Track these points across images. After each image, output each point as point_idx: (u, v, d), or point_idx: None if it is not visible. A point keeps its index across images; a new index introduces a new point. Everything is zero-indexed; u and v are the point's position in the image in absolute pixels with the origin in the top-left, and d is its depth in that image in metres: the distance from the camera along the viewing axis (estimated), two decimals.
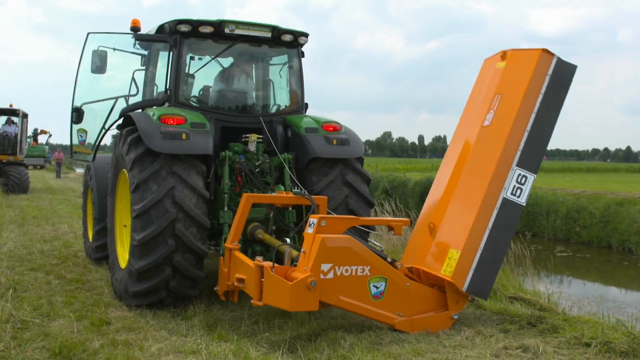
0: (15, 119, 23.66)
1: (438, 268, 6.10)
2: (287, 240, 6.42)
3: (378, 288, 5.72)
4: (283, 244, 6.22)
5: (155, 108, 7.45)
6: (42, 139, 39.92)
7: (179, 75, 7.46)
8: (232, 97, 7.98)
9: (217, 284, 6.62)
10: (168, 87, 7.52)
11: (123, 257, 7.16)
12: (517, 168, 6.16)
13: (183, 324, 6.14)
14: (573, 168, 67.13)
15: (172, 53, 7.52)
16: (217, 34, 7.49)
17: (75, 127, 8.64)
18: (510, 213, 6.13)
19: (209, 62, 8.06)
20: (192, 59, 7.88)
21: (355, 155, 7.50)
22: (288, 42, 7.84)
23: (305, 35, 7.94)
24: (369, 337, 5.62)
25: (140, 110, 7.66)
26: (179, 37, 7.44)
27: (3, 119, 23.95)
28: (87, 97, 8.54)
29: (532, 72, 6.28)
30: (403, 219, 6.48)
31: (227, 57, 8.13)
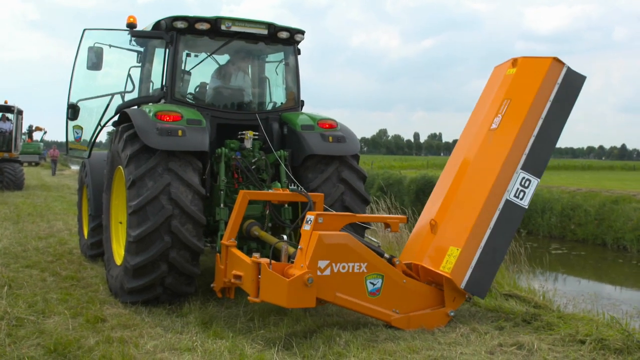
0: (10, 116, 23.59)
1: (437, 264, 6.12)
2: (283, 237, 6.41)
3: (375, 285, 5.73)
4: (280, 241, 6.23)
5: (152, 105, 7.44)
6: (37, 136, 39.79)
7: (175, 72, 7.45)
8: (228, 94, 7.97)
9: (213, 281, 6.62)
10: (164, 83, 7.51)
11: (119, 253, 7.16)
12: (521, 171, 6.19)
13: (178, 321, 6.14)
14: (568, 166, 67.24)
15: (168, 50, 7.51)
16: (213, 31, 7.48)
17: (71, 123, 8.61)
18: (512, 215, 6.17)
19: (205, 59, 8.05)
20: (188, 56, 7.88)
21: (351, 153, 7.51)
22: (284, 39, 7.84)
23: (302, 33, 7.94)
24: (365, 334, 5.63)
25: (136, 107, 7.64)
26: (175, 33, 7.43)
27: None
28: (82, 93, 8.50)
29: (542, 79, 6.35)
30: (400, 216, 6.50)
31: (223, 54, 8.12)
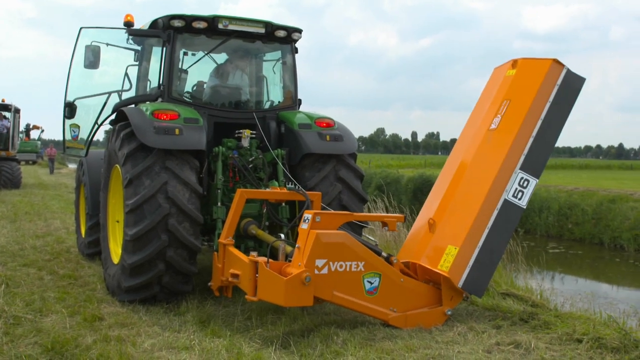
0: (8, 114, 23.54)
1: (435, 263, 6.13)
2: (281, 236, 6.41)
3: (372, 284, 5.73)
4: (277, 240, 6.22)
5: (149, 103, 7.43)
6: (34, 135, 39.72)
7: (172, 71, 7.45)
8: (225, 92, 7.96)
9: (210, 280, 6.62)
10: (161, 82, 7.50)
11: (116, 252, 7.15)
12: (520, 171, 6.21)
13: (176, 320, 6.13)
14: (566, 165, 67.27)
15: (165, 48, 7.50)
16: (210, 30, 7.47)
17: (68, 122, 8.61)
18: (511, 214, 6.18)
19: (202, 57, 8.04)
20: (185, 55, 7.86)
21: (349, 151, 7.51)
22: (281, 38, 7.83)
23: (299, 31, 7.93)
24: (362, 333, 5.63)
25: (134, 106, 7.63)
26: (173, 32, 7.42)
27: None
28: (80, 92, 8.50)
29: (541, 80, 6.37)
30: (397, 215, 6.50)
31: (220, 52, 8.12)
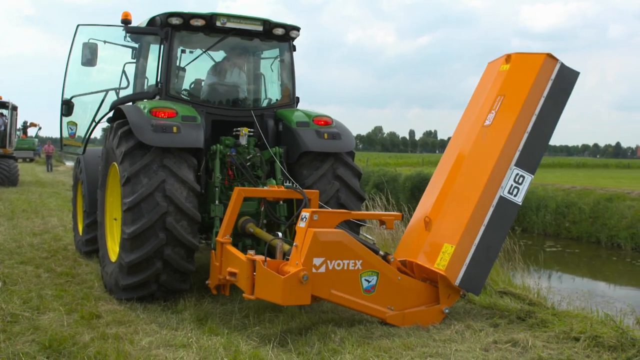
0: (5, 112, 23.49)
1: (432, 261, 6.13)
2: (278, 234, 6.41)
3: (370, 282, 5.74)
4: (275, 238, 6.22)
5: (146, 101, 7.41)
6: (31, 132, 39.56)
7: (170, 69, 7.43)
8: (223, 90, 7.95)
9: (208, 278, 6.62)
10: (159, 80, 7.48)
11: (113, 250, 7.14)
12: (515, 168, 6.20)
13: (173, 318, 6.13)
14: (563, 163, 67.35)
15: (163, 46, 7.49)
16: (208, 27, 7.46)
17: (65, 119, 8.58)
18: (506, 211, 6.17)
19: (200, 55, 8.03)
20: (183, 52, 7.84)
21: (346, 150, 7.51)
22: (279, 35, 7.82)
23: (297, 29, 7.92)
24: (360, 331, 5.64)
25: (131, 103, 7.62)
26: (170, 30, 7.40)
27: None
28: (77, 89, 8.47)
29: (535, 75, 6.35)
30: (395, 213, 6.50)
31: (218, 50, 8.10)
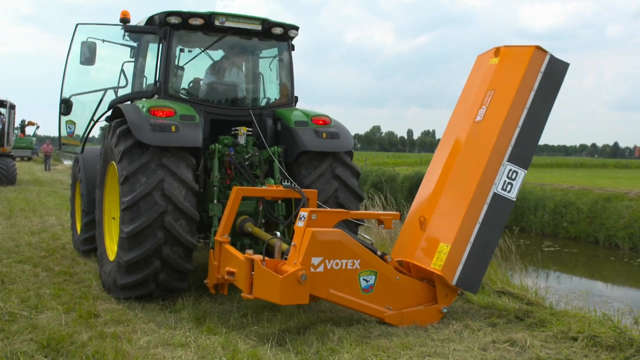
0: (3, 110, 23.48)
1: (428, 261, 6.12)
2: (277, 234, 6.41)
3: (368, 282, 5.74)
4: (273, 237, 6.22)
5: (145, 100, 7.41)
6: (29, 131, 39.70)
7: (169, 68, 7.43)
8: (222, 89, 7.95)
9: (206, 277, 6.61)
10: (157, 79, 7.48)
11: (111, 249, 7.14)
12: (508, 163, 6.17)
13: (172, 317, 6.13)
14: (561, 163, 67.36)
15: (161, 45, 7.48)
16: (207, 26, 7.46)
17: (64, 118, 8.58)
18: (501, 208, 6.15)
19: (199, 54, 8.03)
20: (181, 51, 7.85)
21: (345, 149, 7.51)
22: (278, 35, 7.81)
23: (296, 29, 7.91)
24: (358, 330, 5.64)
25: (130, 102, 7.61)
26: (169, 29, 7.40)
27: None
28: (75, 88, 8.48)
29: (525, 68, 6.29)
30: (393, 213, 6.49)
31: (217, 49, 8.10)
